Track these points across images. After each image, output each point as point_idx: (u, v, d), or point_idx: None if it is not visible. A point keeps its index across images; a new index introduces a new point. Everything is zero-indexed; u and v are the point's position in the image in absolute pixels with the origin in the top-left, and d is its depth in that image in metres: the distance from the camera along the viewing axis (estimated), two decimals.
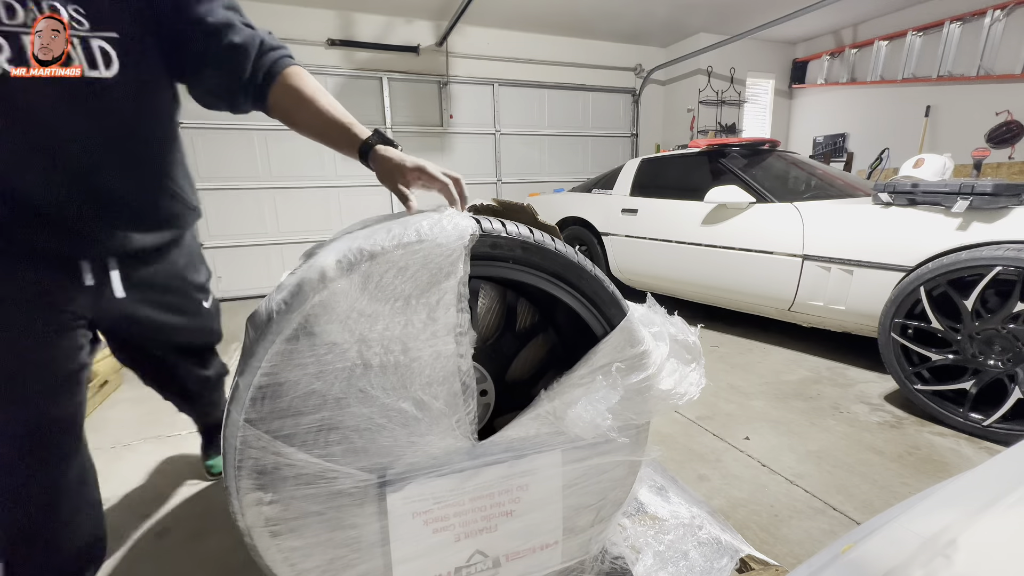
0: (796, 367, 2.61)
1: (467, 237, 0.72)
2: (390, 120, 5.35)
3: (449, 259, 0.71)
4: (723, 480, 1.61)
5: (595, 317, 0.88)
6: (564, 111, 6.18)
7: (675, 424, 2.01)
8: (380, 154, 0.90)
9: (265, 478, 0.67)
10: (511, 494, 0.82)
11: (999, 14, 4.53)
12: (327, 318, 0.66)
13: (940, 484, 0.64)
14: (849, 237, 2.32)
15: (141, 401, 2.38)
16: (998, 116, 4.62)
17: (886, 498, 1.49)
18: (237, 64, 0.90)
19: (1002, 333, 1.78)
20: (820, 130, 6.31)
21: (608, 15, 5.31)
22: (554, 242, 0.84)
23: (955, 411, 1.89)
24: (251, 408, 0.65)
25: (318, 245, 0.90)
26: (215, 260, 4.95)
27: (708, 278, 3.05)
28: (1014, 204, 1.90)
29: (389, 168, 0.89)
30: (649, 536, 1.18)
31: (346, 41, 5.02)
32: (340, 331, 0.67)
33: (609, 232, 3.72)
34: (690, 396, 0.89)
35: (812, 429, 1.94)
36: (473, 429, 0.78)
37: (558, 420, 0.82)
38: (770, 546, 1.30)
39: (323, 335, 0.67)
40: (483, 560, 0.83)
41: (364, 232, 0.77)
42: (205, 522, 1.45)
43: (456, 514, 0.78)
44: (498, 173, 5.98)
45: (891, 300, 2.07)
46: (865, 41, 5.65)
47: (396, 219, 0.82)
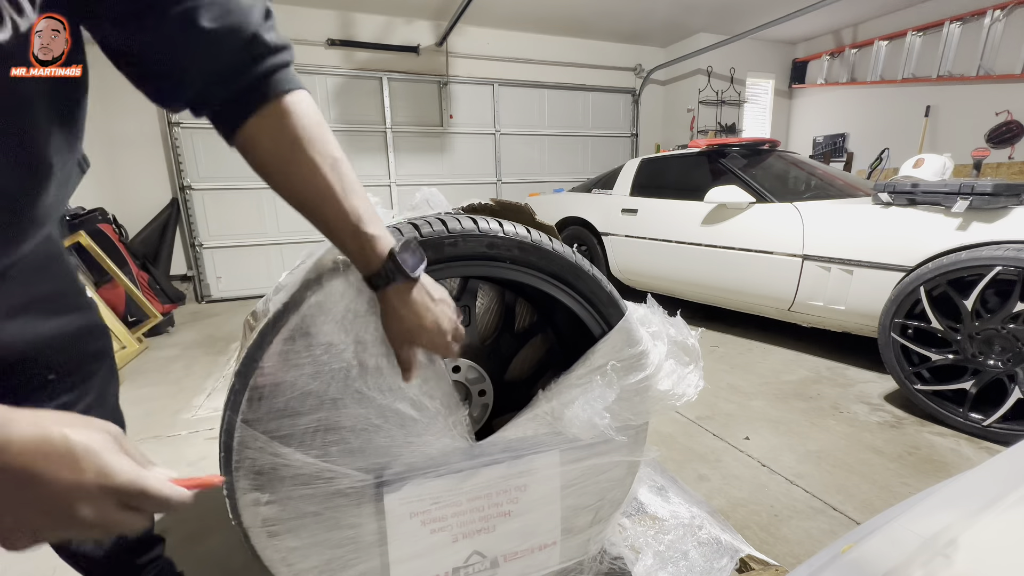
0: (796, 367, 2.60)
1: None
2: (390, 120, 5.35)
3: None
4: (723, 480, 1.61)
5: (593, 317, 0.87)
6: (564, 111, 6.18)
7: (675, 424, 2.00)
8: (391, 301, 0.65)
9: (262, 478, 0.67)
10: (509, 494, 0.82)
11: (999, 14, 4.52)
12: (323, 319, 0.66)
13: (940, 484, 0.64)
14: (849, 237, 2.32)
15: (141, 401, 2.38)
16: (998, 116, 4.62)
17: (886, 498, 1.49)
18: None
19: (1002, 333, 1.78)
20: (820, 130, 6.31)
21: (608, 15, 5.31)
22: (551, 242, 0.84)
23: (955, 411, 1.89)
24: (248, 408, 0.65)
25: (318, 245, 0.90)
26: (215, 260, 4.96)
27: (708, 278, 3.04)
28: (1014, 204, 1.90)
29: (398, 327, 0.67)
30: (649, 536, 1.17)
31: (346, 41, 5.02)
32: (336, 331, 0.67)
33: (609, 232, 3.72)
34: (688, 397, 0.89)
35: (812, 429, 1.93)
36: (470, 430, 0.78)
37: (556, 420, 0.82)
38: (770, 546, 1.29)
39: (319, 335, 0.66)
40: (481, 560, 0.83)
41: None
42: (205, 522, 1.45)
43: (454, 514, 0.78)
44: (498, 173, 5.98)
45: (891, 300, 2.06)
46: (865, 41, 5.64)
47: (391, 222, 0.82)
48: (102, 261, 3.27)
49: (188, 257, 4.88)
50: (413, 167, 5.57)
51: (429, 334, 0.67)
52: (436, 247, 0.74)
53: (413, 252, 0.64)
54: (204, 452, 1.87)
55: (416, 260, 0.64)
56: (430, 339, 0.67)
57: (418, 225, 0.75)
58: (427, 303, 0.66)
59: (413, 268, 0.63)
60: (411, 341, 0.68)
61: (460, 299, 0.93)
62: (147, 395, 2.47)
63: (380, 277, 0.63)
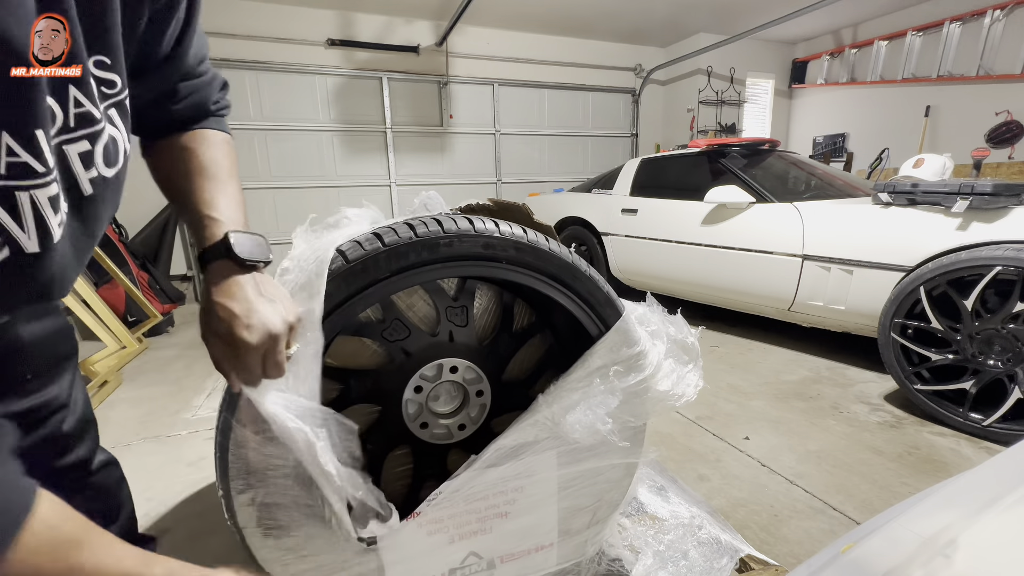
0: (796, 367, 2.60)
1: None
2: (390, 120, 5.35)
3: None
4: (723, 480, 1.61)
5: (590, 317, 0.87)
6: (564, 111, 6.18)
7: (675, 424, 2.00)
8: (209, 283, 0.60)
9: (256, 478, 0.66)
10: (506, 496, 0.82)
11: (999, 14, 4.52)
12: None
13: (940, 484, 0.64)
14: (849, 237, 2.32)
15: (141, 401, 2.38)
16: (998, 116, 4.61)
17: (886, 498, 1.49)
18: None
19: (1002, 333, 1.78)
20: (820, 130, 6.30)
21: (608, 15, 5.31)
22: (548, 242, 0.83)
23: (955, 411, 1.88)
24: (244, 408, 0.65)
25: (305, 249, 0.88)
26: None
27: (708, 278, 3.04)
28: (1014, 204, 1.90)
29: (205, 317, 0.60)
30: (649, 536, 1.17)
31: (346, 41, 5.01)
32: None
33: (609, 232, 3.72)
34: (687, 397, 0.89)
35: (812, 429, 1.93)
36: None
37: (556, 426, 0.81)
38: (770, 546, 1.29)
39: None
40: (478, 561, 0.83)
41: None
42: (205, 522, 1.45)
43: (451, 516, 0.77)
44: (498, 173, 5.98)
45: (891, 300, 2.06)
46: (865, 41, 5.64)
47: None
48: (102, 261, 3.27)
49: (188, 257, 4.88)
50: (413, 167, 5.57)
51: (236, 334, 0.56)
52: (431, 247, 0.74)
53: (254, 242, 0.62)
54: (204, 452, 1.86)
55: (253, 248, 0.61)
56: (235, 340, 0.56)
57: (413, 225, 0.75)
58: (248, 295, 0.58)
59: (245, 252, 0.60)
60: (217, 336, 0.58)
61: (458, 299, 0.93)
62: (147, 395, 2.47)
63: (208, 252, 0.61)
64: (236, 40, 4.61)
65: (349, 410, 0.88)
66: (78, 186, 0.53)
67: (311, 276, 0.67)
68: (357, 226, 0.79)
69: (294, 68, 4.91)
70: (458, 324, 0.92)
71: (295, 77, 4.95)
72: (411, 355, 0.88)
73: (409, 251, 0.73)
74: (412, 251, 0.73)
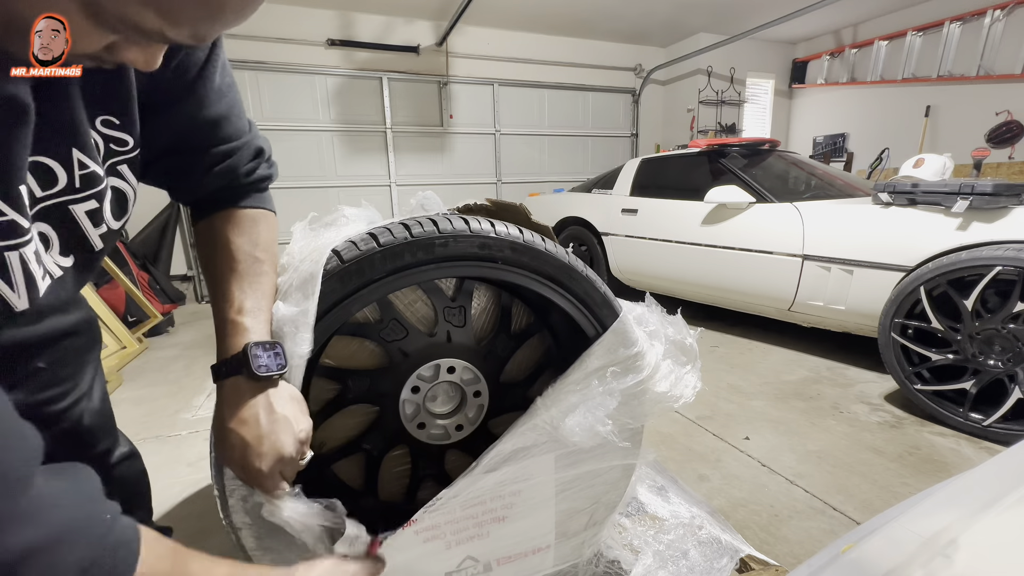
0: (796, 367, 2.60)
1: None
2: (390, 120, 5.35)
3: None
4: (723, 480, 1.60)
5: (587, 318, 0.87)
6: (564, 111, 6.18)
7: (675, 424, 2.00)
8: (223, 395, 0.61)
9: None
10: (504, 500, 0.81)
11: (999, 14, 4.52)
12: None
13: (940, 484, 0.64)
14: (849, 237, 2.31)
15: (141, 401, 2.38)
16: (998, 116, 4.61)
17: (886, 498, 1.48)
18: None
19: (1002, 333, 1.77)
20: (820, 130, 6.30)
21: (608, 15, 5.30)
22: (544, 242, 0.83)
23: (955, 411, 1.88)
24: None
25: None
26: None
27: (708, 278, 3.04)
28: (1014, 204, 1.89)
29: (219, 427, 0.61)
30: (649, 536, 1.16)
31: (346, 41, 5.02)
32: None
33: (609, 232, 3.71)
34: (685, 399, 0.88)
35: (812, 429, 1.93)
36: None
37: (555, 430, 0.80)
38: (770, 546, 1.29)
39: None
40: (474, 565, 0.82)
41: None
42: (205, 522, 1.44)
43: (448, 522, 0.77)
44: (498, 173, 5.98)
45: (891, 300, 2.06)
46: (865, 41, 5.64)
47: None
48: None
49: (188, 257, 4.88)
50: (413, 167, 5.57)
51: (249, 463, 0.58)
52: (427, 248, 0.74)
53: (271, 354, 0.61)
54: (204, 452, 1.86)
55: (270, 361, 0.60)
56: (249, 467, 0.59)
57: (409, 225, 0.75)
58: (260, 419, 0.59)
59: (262, 367, 0.59)
60: (232, 462, 0.60)
61: (456, 299, 0.92)
62: (147, 395, 2.47)
63: (225, 365, 0.61)
64: (236, 40, 4.61)
65: (346, 410, 0.88)
66: (88, 242, 0.54)
67: (306, 277, 0.67)
68: (354, 226, 0.79)
69: (294, 68, 4.91)
70: (456, 324, 0.91)
71: (295, 77, 4.95)
72: (409, 355, 0.88)
73: (405, 251, 0.72)
74: (408, 251, 0.73)
